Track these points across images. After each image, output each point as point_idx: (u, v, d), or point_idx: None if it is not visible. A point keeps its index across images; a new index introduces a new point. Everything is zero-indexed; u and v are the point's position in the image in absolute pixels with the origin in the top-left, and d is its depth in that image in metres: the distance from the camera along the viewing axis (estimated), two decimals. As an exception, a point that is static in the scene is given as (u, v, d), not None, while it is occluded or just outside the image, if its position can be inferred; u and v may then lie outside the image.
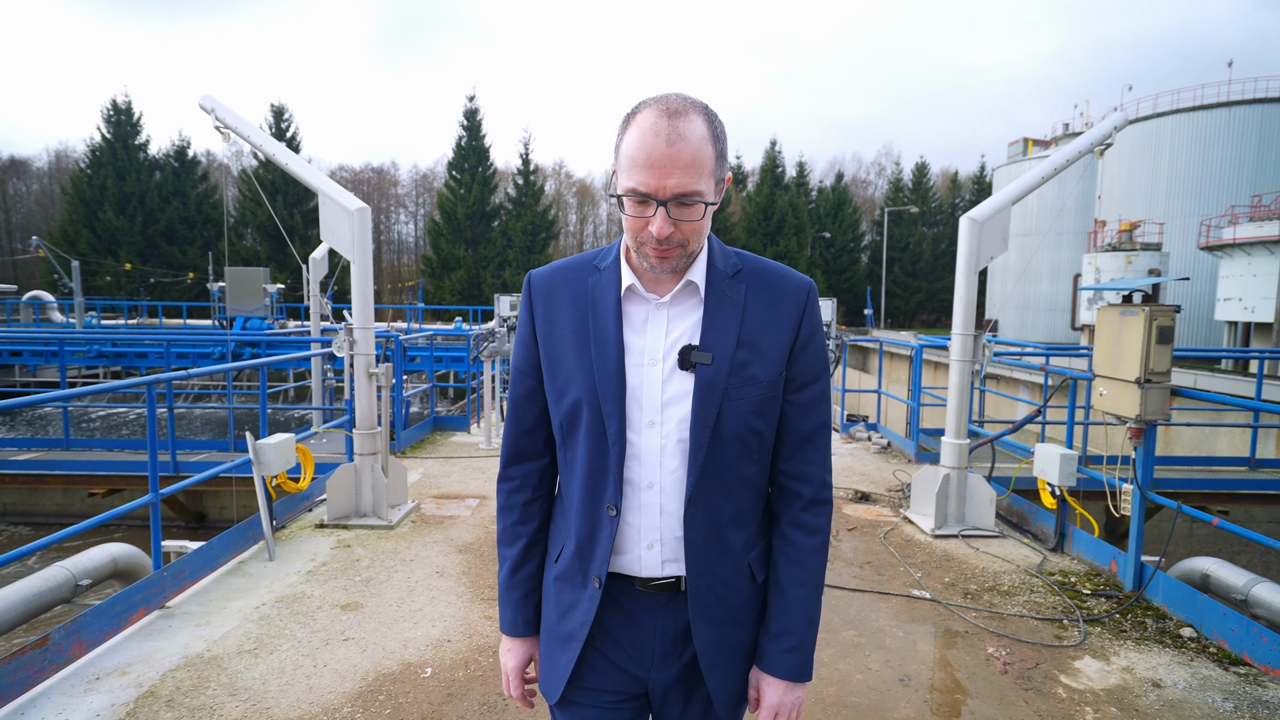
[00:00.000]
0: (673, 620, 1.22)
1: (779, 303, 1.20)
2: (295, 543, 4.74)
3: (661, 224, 1.07)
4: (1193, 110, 30.98)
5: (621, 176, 1.10)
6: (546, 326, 1.23)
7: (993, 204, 5.14)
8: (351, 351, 5.10)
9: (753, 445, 1.19)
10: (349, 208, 4.99)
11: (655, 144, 1.05)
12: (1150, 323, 3.67)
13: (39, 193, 59.84)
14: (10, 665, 2.82)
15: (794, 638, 1.23)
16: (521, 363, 1.28)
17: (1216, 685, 3.12)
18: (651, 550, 1.19)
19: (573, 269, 1.25)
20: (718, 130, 1.12)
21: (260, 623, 3.57)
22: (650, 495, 1.17)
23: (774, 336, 1.18)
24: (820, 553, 1.26)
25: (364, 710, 2.85)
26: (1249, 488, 6.92)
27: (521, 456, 1.31)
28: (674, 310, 1.19)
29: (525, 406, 1.28)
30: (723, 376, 1.15)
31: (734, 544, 1.21)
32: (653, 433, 1.16)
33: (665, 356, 1.17)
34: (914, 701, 2.97)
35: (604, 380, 1.15)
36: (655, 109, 1.07)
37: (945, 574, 4.38)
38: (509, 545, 1.32)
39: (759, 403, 1.17)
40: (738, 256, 1.23)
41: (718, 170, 1.12)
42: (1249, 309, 24.21)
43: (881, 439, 8.28)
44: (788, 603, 1.23)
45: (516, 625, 1.33)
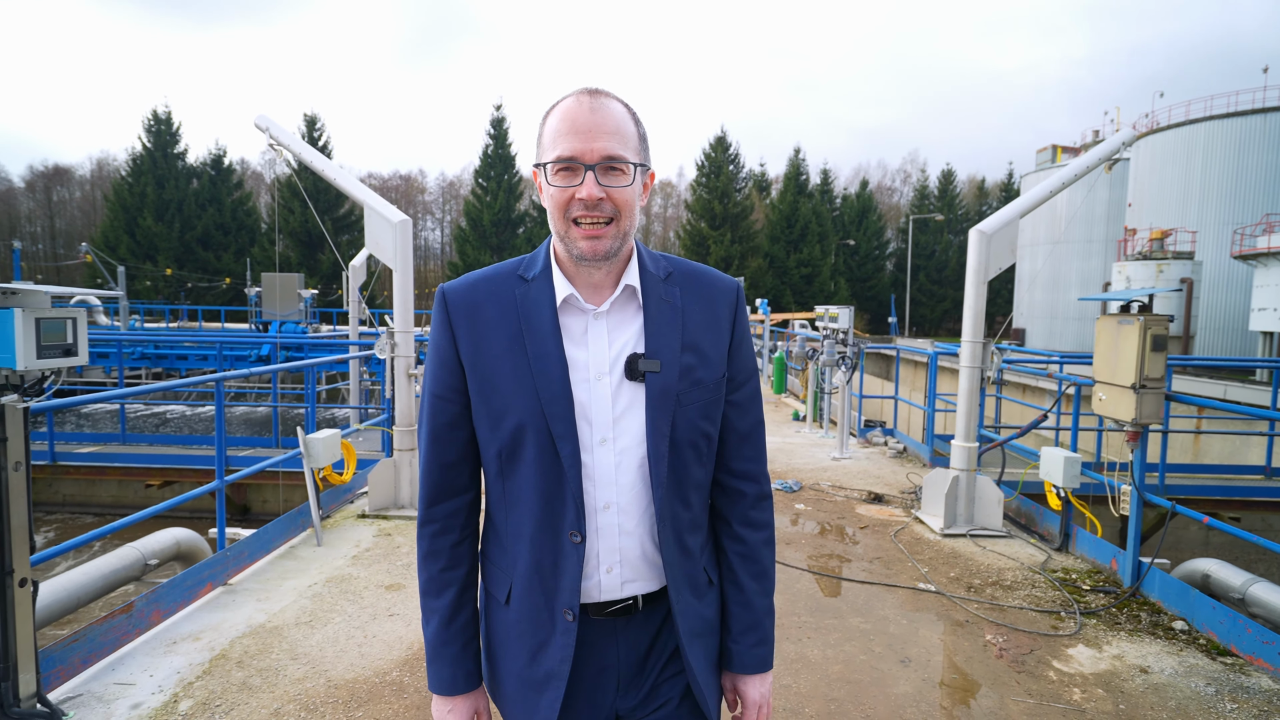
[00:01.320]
0: (630, 645, 1.18)
1: (713, 304, 1.19)
2: (340, 531, 5.10)
3: (591, 187, 1.04)
4: (1226, 117, 30.47)
5: (546, 154, 1.08)
6: (473, 346, 1.14)
7: (1001, 217, 5.36)
8: (393, 354, 5.46)
9: (703, 449, 1.17)
10: (392, 220, 5.37)
11: (579, 112, 1.06)
12: (1145, 331, 3.88)
13: (81, 200, 61.99)
14: (103, 627, 3.19)
15: (759, 632, 1.24)
16: (440, 388, 1.17)
17: (1201, 672, 3.31)
18: (611, 574, 1.14)
19: (494, 280, 1.18)
20: (637, 118, 1.12)
21: (314, 599, 3.92)
22: (608, 516, 1.12)
23: (714, 339, 1.17)
24: (769, 545, 1.27)
25: (410, 674, 3.17)
26: (1264, 495, 7.00)
27: (445, 494, 1.21)
28: (613, 319, 1.14)
29: (448, 437, 1.18)
30: (673, 383, 1.12)
31: (693, 550, 1.19)
32: (605, 450, 1.11)
33: (611, 368, 1.12)
34: (912, 680, 3.22)
35: (550, 400, 1.09)
36: (575, 93, 1.09)
37: (951, 569, 4.60)
38: (437, 596, 1.21)
39: (707, 406, 1.16)
40: (665, 259, 1.21)
41: (641, 151, 1.11)
42: (1286, 318, 23.71)
43: (898, 444, 8.47)
44: (748, 599, 1.23)
45: (457, 682, 1.20)
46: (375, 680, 3.11)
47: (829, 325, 8.20)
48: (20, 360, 2.48)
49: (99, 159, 63.54)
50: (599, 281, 1.14)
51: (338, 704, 2.92)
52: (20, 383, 2.58)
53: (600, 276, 1.14)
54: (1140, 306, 4.02)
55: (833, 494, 6.43)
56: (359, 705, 2.92)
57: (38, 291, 2.64)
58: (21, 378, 2.57)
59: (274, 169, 59.29)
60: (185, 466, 7.30)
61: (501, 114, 44.68)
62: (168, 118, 45.06)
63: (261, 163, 61.84)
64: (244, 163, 56.86)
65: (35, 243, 57.28)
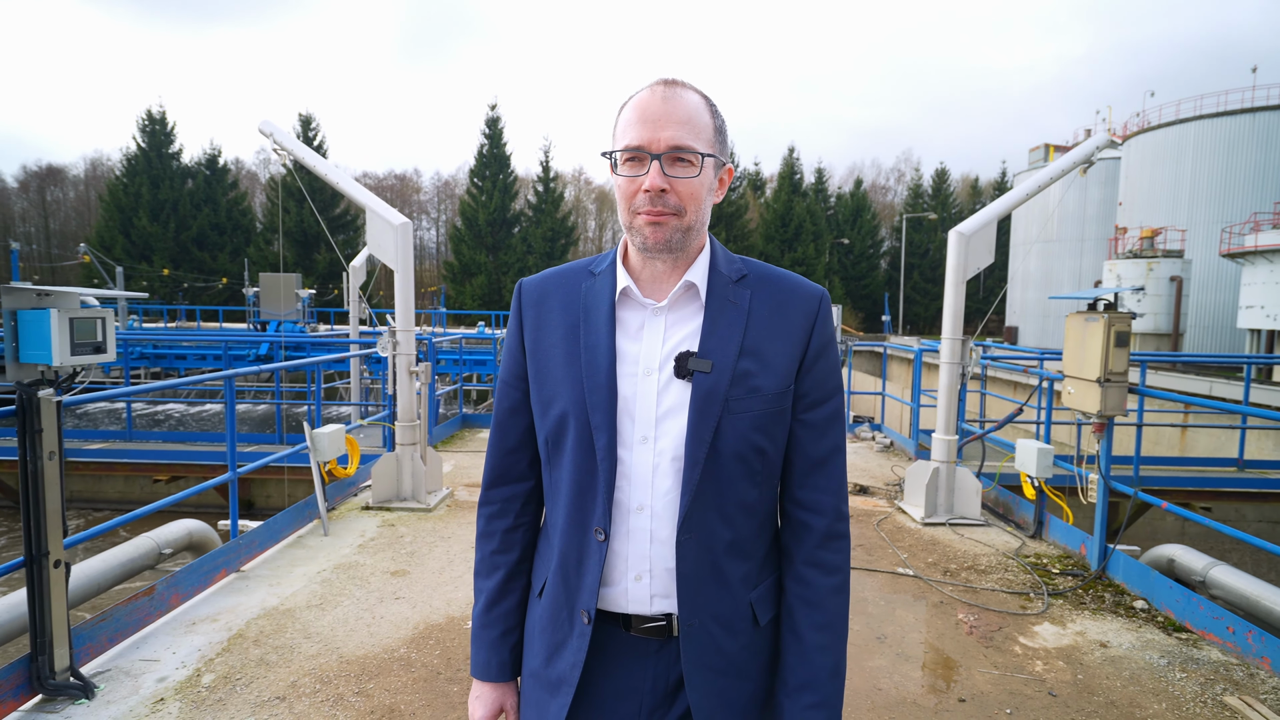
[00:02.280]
0: (663, 670, 1.11)
1: (787, 311, 1.11)
2: (345, 522, 5.30)
3: (655, 177, 1.02)
4: (1216, 116, 30.74)
5: (616, 143, 1.08)
6: (535, 334, 1.16)
7: (979, 219, 5.58)
8: (394, 352, 5.66)
9: (755, 466, 1.08)
10: (394, 222, 5.57)
11: (651, 101, 1.04)
12: (1109, 328, 4.11)
13: (75, 200, 61.91)
14: (127, 608, 3.40)
15: (817, 693, 1.09)
16: (508, 374, 1.20)
17: (1156, 646, 3.55)
18: (640, 582, 1.09)
19: (566, 275, 1.18)
20: (715, 108, 1.10)
21: (323, 584, 4.13)
22: (640, 519, 1.08)
23: (781, 346, 1.10)
24: (840, 594, 1.14)
25: (417, 651, 3.38)
26: (1234, 485, 7.26)
27: (504, 478, 1.23)
28: (672, 316, 1.10)
29: (510, 423, 1.20)
30: (723, 386, 1.05)
31: (732, 578, 1.10)
32: (645, 449, 1.07)
33: (662, 365, 1.08)
34: (886, 654, 3.44)
35: (593, 390, 1.07)
36: (651, 84, 1.08)
37: (929, 555, 4.82)
38: (486, 577, 1.22)
39: (763, 418, 1.08)
40: (743, 262, 1.16)
41: (716, 144, 1.08)
42: (1271, 316, 23.98)
43: (885, 438, 8.70)
44: (806, 651, 1.11)
45: (490, 668, 1.21)
46: (385, 656, 3.32)
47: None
48: (56, 357, 2.68)
49: (93, 159, 63.45)
50: (663, 276, 1.11)
51: (350, 677, 3.13)
52: (55, 378, 2.78)
53: (664, 269, 1.11)
54: (1106, 304, 4.25)
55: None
56: (370, 678, 3.13)
57: (70, 293, 2.84)
58: (56, 373, 2.77)
59: (269, 168, 59.35)
60: (192, 462, 7.50)
61: (497, 114, 44.79)
62: (162, 117, 45.08)
63: (256, 162, 61.87)
64: (239, 162, 56.94)
65: (30, 243, 57.18)
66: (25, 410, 2.72)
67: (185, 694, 2.96)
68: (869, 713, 2.94)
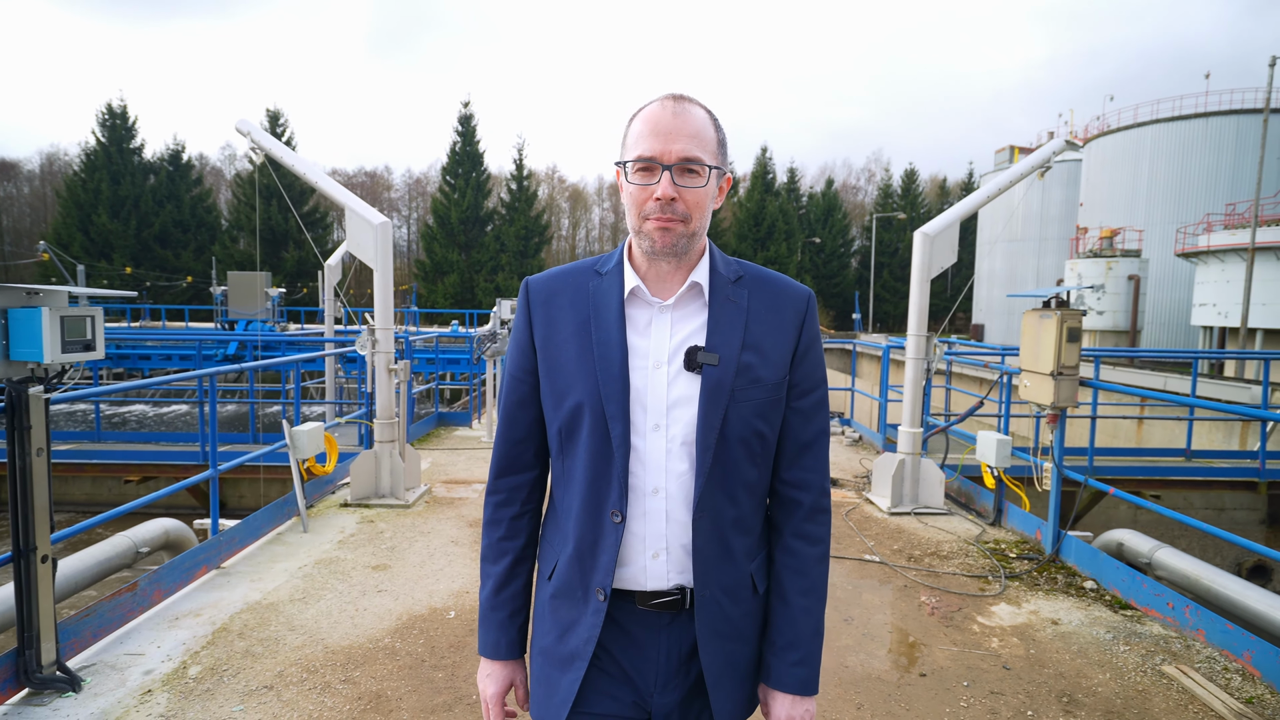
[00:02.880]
0: (676, 641, 1.19)
1: (781, 308, 1.22)
2: (324, 519, 5.35)
3: (666, 186, 1.10)
4: (1171, 120, 31.69)
5: (628, 153, 1.16)
6: (546, 330, 1.22)
7: (942, 220, 5.82)
8: (373, 350, 5.71)
9: (756, 449, 1.19)
10: (373, 222, 5.61)
11: (662, 115, 1.13)
12: (1062, 324, 4.35)
13: (30, 196, 59.98)
14: (110, 604, 3.43)
15: (800, 651, 1.22)
16: (517, 369, 1.26)
17: (1103, 623, 3.78)
18: (657, 560, 1.17)
19: (573, 274, 1.25)
20: (718, 123, 1.19)
21: (305, 579, 4.18)
22: (656, 501, 1.16)
23: (777, 341, 1.20)
24: (822, 563, 1.26)
25: (402, 640, 3.47)
26: (1184, 474, 7.63)
27: (512, 468, 1.29)
28: (678, 313, 1.19)
29: (518, 415, 1.27)
30: (729, 378, 1.15)
31: (737, 551, 1.20)
32: (658, 436, 1.15)
33: (671, 359, 1.16)
34: (853, 634, 3.62)
35: (607, 382, 1.15)
36: (661, 98, 1.16)
37: (895, 543, 5.03)
38: (494, 562, 1.29)
39: (763, 405, 1.18)
40: (738, 264, 1.25)
41: (720, 156, 1.17)
42: (1223, 314, 24.88)
43: (854, 433, 8.95)
44: (793, 615, 1.22)
45: (500, 647, 1.28)
46: (369, 646, 3.41)
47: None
48: (47, 354, 2.72)
49: (48, 154, 61.47)
50: (668, 276, 1.20)
51: (336, 666, 3.21)
52: (44, 375, 2.82)
53: (669, 270, 1.19)
54: (1059, 302, 4.48)
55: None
56: (356, 667, 3.21)
57: (59, 291, 2.88)
58: (46, 370, 2.81)
59: (234, 165, 58.16)
60: (163, 462, 7.43)
61: (470, 111, 44.49)
62: (123, 111, 43.92)
63: (221, 158, 60.60)
64: (203, 158, 55.72)
65: (-19, 239, 55.23)
66: (14, 407, 2.75)
67: (172, 685, 3.01)
68: (836, 688, 3.11)
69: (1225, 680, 3.18)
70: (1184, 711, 2.95)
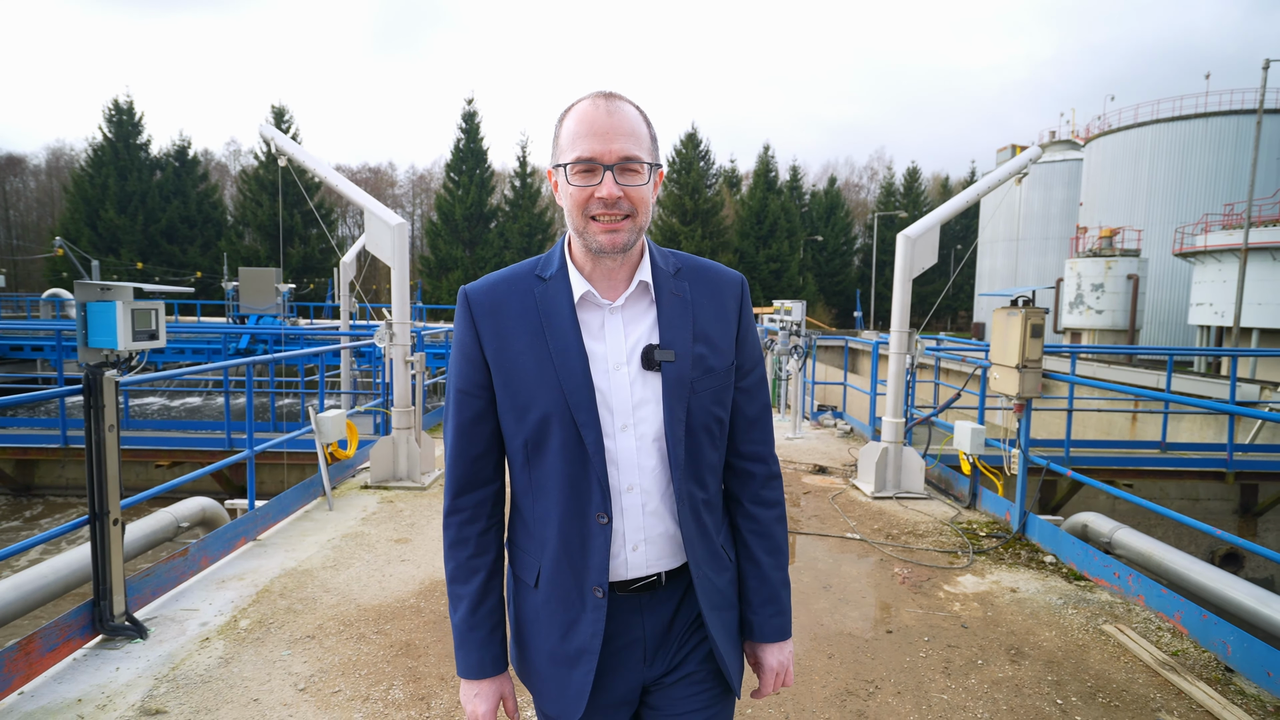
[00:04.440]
0: (655, 618, 1.25)
1: (720, 297, 1.26)
2: (347, 499, 5.76)
3: (610, 186, 1.11)
4: (1172, 120, 31.80)
5: (565, 155, 1.15)
6: (497, 343, 1.20)
7: (924, 224, 6.20)
8: (391, 343, 6.11)
9: (716, 433, 1.25)
10: (390, 223, 6.01)
11: (596, 115, 1.13)
12: (1026, 321, 4.73)
13: (37, 190, 60.48)
14: (167, 566, 3.84)
15: (776, 604, 1.33)
16: (467, 384, 1.23)
17: (1057, 591, 4.18)
18: (636, 552, 1.21)
19: (513, 281, 1.24)
20: (648, 118, 1.20)
21: (334, 550, 4.60)
22: (632, 498, 1.20)
23: (721, 329, 1.25)
24: (781, 523, 1.35)
25: (425, 601, 3.88)
26: (1158, 464, 8.02)
27: (472, 485, 1.27)
28: (628, 313, 1.22)
29: (475, 431, 1.25)
30: (687, 371, 1.19)
31: (709, 528, 1.27)
32: (627, 436, 1.18)
33: (629, 359, 1.19)
34: (830, 599, 4.02)
35: (573, 390, 1.16)
36: (589, 97, 1.16)
37: (876, 523, 5.43)
38: (465, 582, 1.27)
39: (718, 392, 1.23)
40: (673, 255, 1.28)
41: (654, 152, 1.18)
42: (1219, 314, 25.10)
43: (845, 425, 9.34)
44: (764, 573, 1.32)
45: (484, 665, 1.26)
46: (397, 605, 3.82)
47: (784, 318, 9.03)
48: (120, 342, 3.13)
49: (54, 149, 61.94)
50: (613, 274, 1.22)
51: (368, 620, 3.62)
52: (117, 360, 3.22)
53: (614, 267, 1.21)
54: (1025, 301, 4.86)
55: (783, 467, 7.24)
56: (386, 621, 3.62)
57: (126, 288, 3.28)
58: (119, 356, 3.21)
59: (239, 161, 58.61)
60: (191, 448, 7.86)
61: (473, 108, 44.84)
62: (130, 107, 44.33)
63: (226, 154, 61.02)
64: (208, 154, 56.06)
65: (-11, 233, 55.82)
66: (91, 388, 3.16)
67: (226, 634, 3.42)
68: (811, 642, 3.51)
69: (1157, 637, 3.58)
70: (1116, 662, 3.35)
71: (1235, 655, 3.25)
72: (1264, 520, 8.83)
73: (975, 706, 2.96)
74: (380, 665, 3.19)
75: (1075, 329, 28.84)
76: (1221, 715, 2.88)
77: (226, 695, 2.91)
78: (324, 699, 2.91)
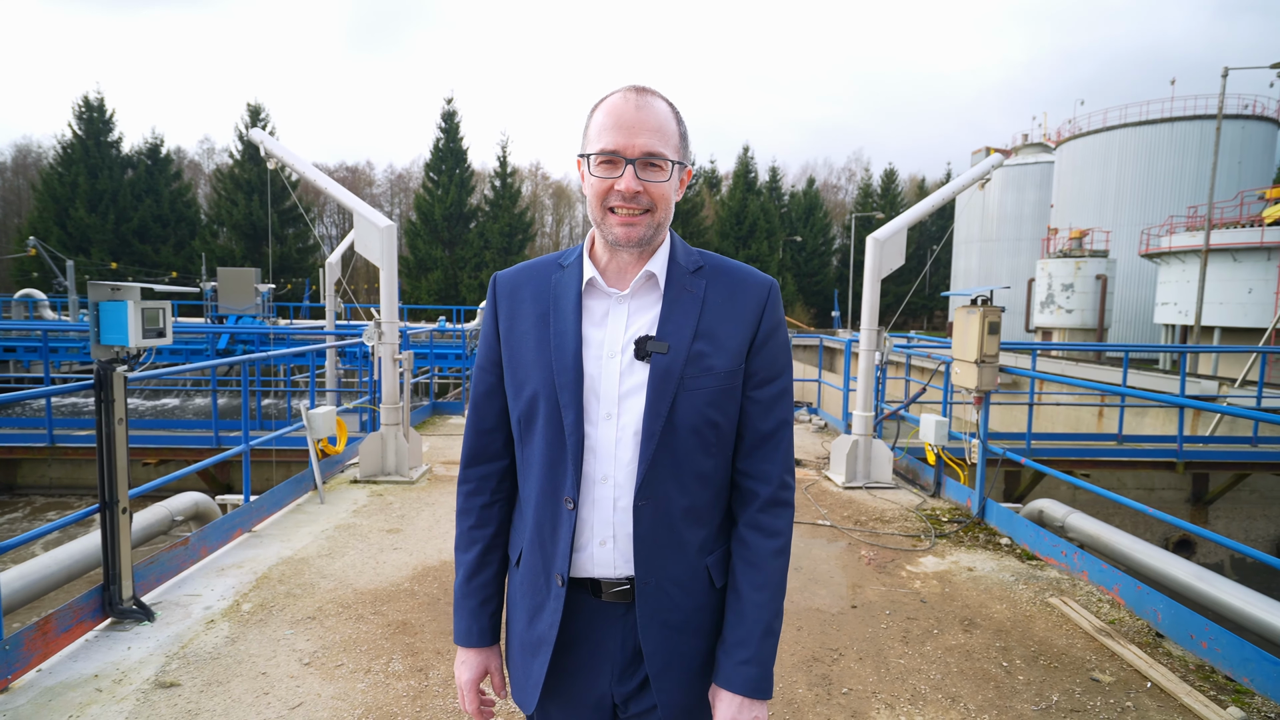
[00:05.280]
0: (630, 633, 1.20)
1: (739, 297, 1.21)
2: (338, 493, 5.93)
3: (629, 180, 1.11)
4: (1138, 125, 32.65)
5: (590, 145, 1.15)
6: (509, 323, 1.24)
7: (891, 227, 6.51)
8: (380, 341, 6.29)
9: (710, 438, 1.18)
10: (379, 225, 6.19)
11: (624, 108, 1.13)
12: (984, 319, 5.05)
13: (3, 189, 59.16)
14: (169, 554, 4.02)
15: (749, 649, 1.17)
16: (484, 360, 1.29)
17: (1011, 569, 4.49)
18: (604, 547, 1.18)
19: (537, 268, 1.27)
20: (680, 115, 1.19)
21: (328, 540, 4.78)
22: (604, 489, 1.17)
23: (733, 330, 1.19)
24: (780, 557, 1.21)
25: (419, 585, 4.09)
26: (1114, 455, 8.43)
27: (480, 458, 1.31)
28: (634, 304, 1.20)
29: (486, 405, 1.29)
30: (678, 365, 1.15)
31: (689, 542, 1.19)
32: (609, 425, 1.16)
33: (624, 349, 1.17)
34: (800, 579, 4.30)
35: (561, 371, 1.16)
36: (623, 90, 1.15)
37: (845, 511, 5.73)
38: (465, 550, 1.31)
39: (716, 394, 1.17)
40: (700, 255, 1.24)
41: (681, 149, 1.17)
42: (1183, 313, 25.88)
43: (821, 420, 9.67)
44: (743, 610, 1.18)
45: (471, 635, 1.30)
46: (391, 589, 4.02)
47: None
48: (131, 339, 3.31)
49: (21, 145, 60.59)
50: (628, 267, 1.21)
51: (365, 603, 3.82)
52: (127, 357, 3.40)
53: (629, 260, 1.21)
54: (983, 300, 5.19)
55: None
56: (382, 604, 3.83)
57: (134, 288, 3.45)
58: (129, 353, 3.38)
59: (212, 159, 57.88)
60: (178, 446, 7.95)
61: (453, 107, 44.73)
62: (100, 104, 43.61)
63: (199, 152, 60.26)
64: (180, 152, 55.23)
65: (-47, 232, 54.46)
66: (102, 383, 3.33)
67: (230, 617, 3.61)
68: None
69: (1097, 608, 3.90)
70: (1059, 630, 3.66)
71: (1165, 622, 3.58)
72: (1214, 508, 9.31)
73: (929, 669, 3.25)
74: (379, 642, 3.40)
75: (1046, 328, 29.60)
76: (1148, 673, 3.19)
77: (235, 669, 3.10)
78: (328, 671, 3.12)
